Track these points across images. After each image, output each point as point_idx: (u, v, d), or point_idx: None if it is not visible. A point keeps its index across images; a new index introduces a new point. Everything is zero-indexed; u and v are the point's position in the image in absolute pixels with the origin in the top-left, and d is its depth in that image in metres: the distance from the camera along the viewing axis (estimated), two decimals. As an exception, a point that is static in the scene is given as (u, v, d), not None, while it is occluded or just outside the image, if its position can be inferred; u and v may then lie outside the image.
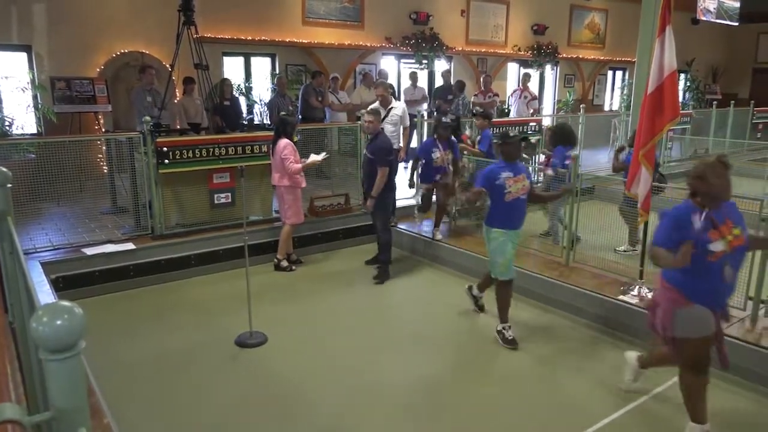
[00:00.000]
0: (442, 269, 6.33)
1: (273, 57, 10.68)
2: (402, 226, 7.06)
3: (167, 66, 8.37)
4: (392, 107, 7.22)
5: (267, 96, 10.14)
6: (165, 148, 5.90)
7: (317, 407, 3.71)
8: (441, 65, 12.79)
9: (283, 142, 5.92)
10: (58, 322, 1.18)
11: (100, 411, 2.90)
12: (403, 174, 9.76)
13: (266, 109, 9.74)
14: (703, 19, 13.22)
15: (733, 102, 13.63)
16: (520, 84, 11.52)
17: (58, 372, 1.21)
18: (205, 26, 8.69)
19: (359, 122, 7.58)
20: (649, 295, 4.74)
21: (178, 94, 8.92)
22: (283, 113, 7.22)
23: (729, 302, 3.26)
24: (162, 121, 7.43)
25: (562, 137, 6.31)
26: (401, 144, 7.52)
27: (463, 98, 10.53)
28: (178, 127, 7.89)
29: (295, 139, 6.42)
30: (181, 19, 7.35)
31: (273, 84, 10.05)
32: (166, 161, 5.92)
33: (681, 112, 13.65)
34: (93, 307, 5.24)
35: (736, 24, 15.04)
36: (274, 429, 3.51)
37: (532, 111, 11.03)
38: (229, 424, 3.56)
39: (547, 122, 11.35)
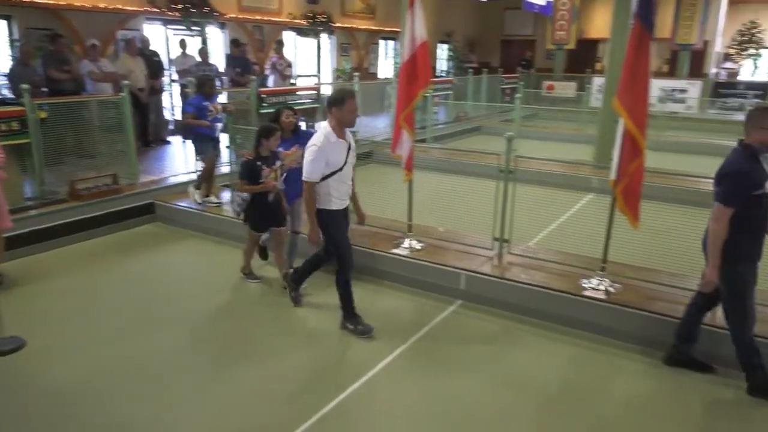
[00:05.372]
0: (207, 238, 6.18)
1: (9, 19, 9.14)
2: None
3: None
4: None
5: (5, 65, 8.68)
6: None
7: (58, 381, 3.42)
8: (214, 32, 12.25)
9: None
10: None
11: None
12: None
13: (7, 80, 8.37)
14: (456, -7, 14.61)
15: (486, 70, 15.43)
16: (275, 52, 11.29)
17: None
18: None
19: (122, 94, 6.93)
20: (418, 247, 5.22)
21: None
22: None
23: None
24: None
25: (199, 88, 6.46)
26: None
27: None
28: None
29: (43, 115, 5.66)
30: None
31: (12, 52, 8.65)
32: None
33: (444, 79, 14.85)
34: None
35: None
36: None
37: (288, 78, 11.04)
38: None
39: (325, 90, 11.63)
